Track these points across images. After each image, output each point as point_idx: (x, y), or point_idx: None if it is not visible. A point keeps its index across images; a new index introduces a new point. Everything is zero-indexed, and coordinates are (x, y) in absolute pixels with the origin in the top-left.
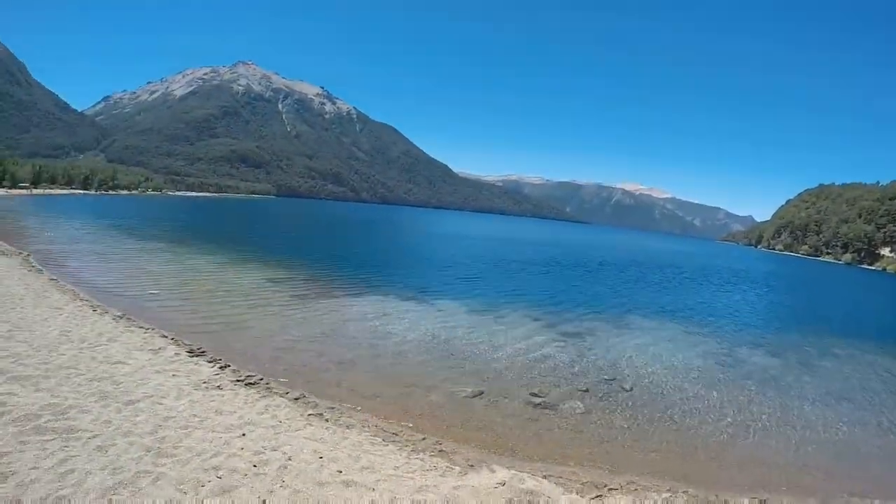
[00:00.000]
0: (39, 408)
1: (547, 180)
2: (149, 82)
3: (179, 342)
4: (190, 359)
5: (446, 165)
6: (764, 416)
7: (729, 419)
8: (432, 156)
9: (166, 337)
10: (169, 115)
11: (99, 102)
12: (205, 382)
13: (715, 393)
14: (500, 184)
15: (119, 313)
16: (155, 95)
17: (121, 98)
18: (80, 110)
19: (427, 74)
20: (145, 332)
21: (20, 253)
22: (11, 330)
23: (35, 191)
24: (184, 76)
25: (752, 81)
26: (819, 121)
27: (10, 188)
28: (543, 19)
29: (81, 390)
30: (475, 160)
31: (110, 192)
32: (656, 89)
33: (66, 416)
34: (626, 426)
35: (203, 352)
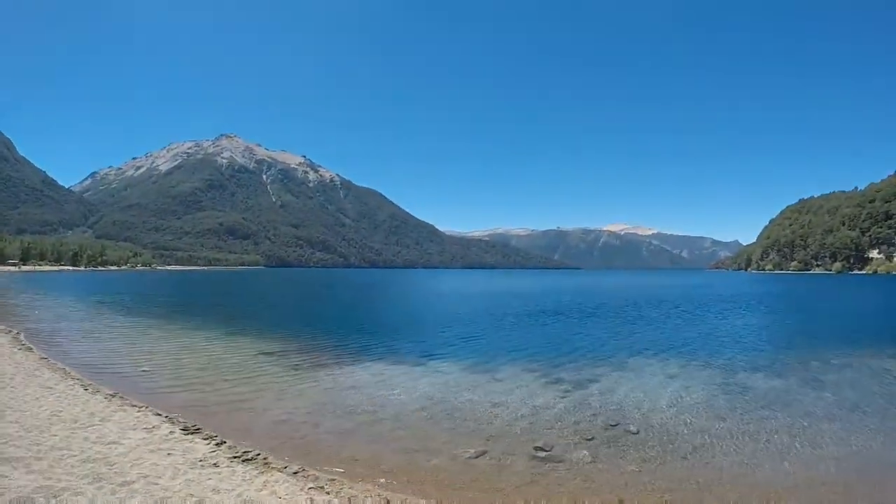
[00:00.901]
0: (32, 490)
1: (533, 230)
2: (134, 158)
3: (174, 420)
4: (185, 436)
5: (432, 225)
6: (775, 440)
7: (740, 448)
8: (418, 216)
9: (160, 415)
10: (155, 189)
11: (86, 179)
12: (201, 461)
13: (723, 423)
14: (487, 238)
15: (111, 392)
16: (141, 171)
17: (107, 174)
18: (67, 186)
19: (408, 136)
20: (138, 411)
21: (10, 331)
22: (2, 410)
23: (24, 267)
24: (168, 150)
25: (723, 105)
26: (794, 136)
27: None
28: (520, 73)
29: (75, 472)
30: (461, 217)
31: (99, 267)
32: (633, 130)
33: (59, 499)
34: (636, 470)
35: (198, 429)
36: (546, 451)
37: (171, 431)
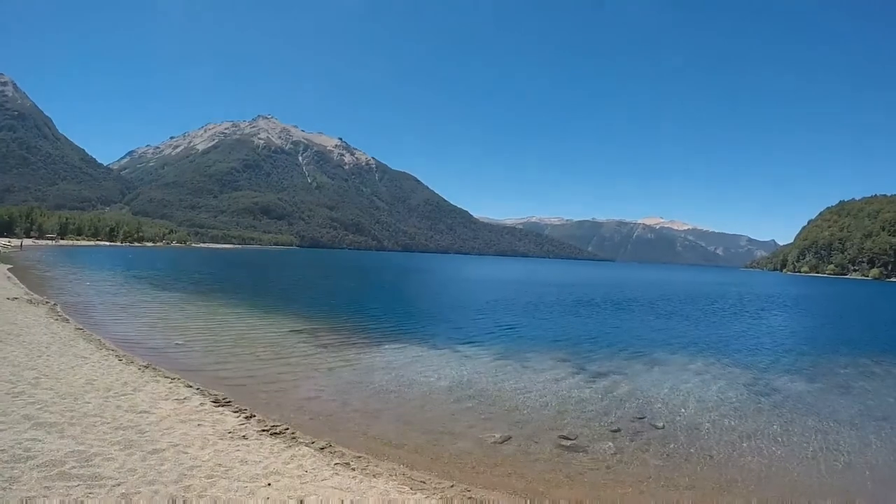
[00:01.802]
0: (64, 454)
1: (567, 220)
2: (172, 137)
3: (205, 392)
4: (215, 409)
5: (466, 211)
6: (801, 443)
7: (766, 449)
8: (452, 202)
9: (191, 387)
10: (192, 168)
11: (124, 157)
12: (230, 432)
13: (750, 424)
14: (521, 226)
15: (144, 363)
16: (178, 150)
17: (145, 152)
18: (105, 164)
19: (445, 121)
20: (170, 382)
21: (47, 302)
22: (38, 377)
23: (61, 241)
24: (205, 130)
25: (766, 104)
26: (836, 137)
27: (37, 238)
28: (561, 63)
29: (106, 438)
30: (495, 204)
31: (135, 244)
32: (672, 121)
33: (90, 464)
34: (660, 464)
35: (228, 402)
36: (571, 440)
37: (201, 403)
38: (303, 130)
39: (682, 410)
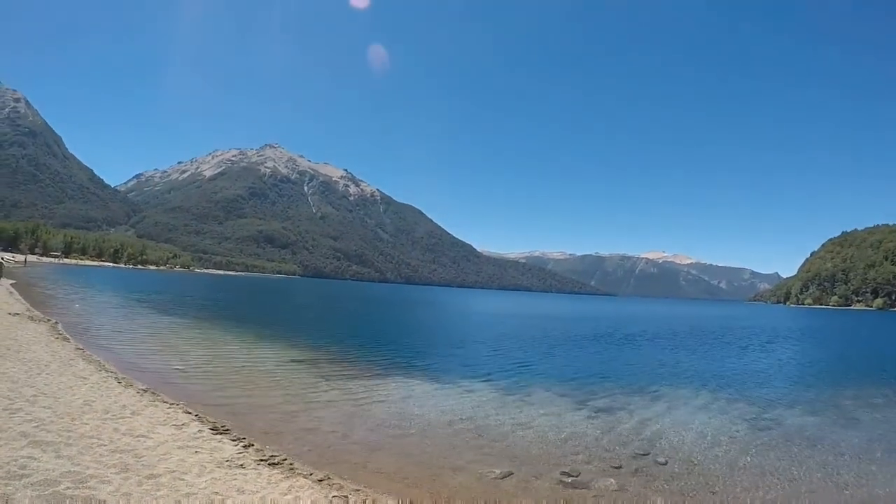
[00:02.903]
0: (59, 474)
1: (570, 254)
2: (179, 162)
3: (203, 419)
4: (213, 436)
5: (470, 245)
6: (806, 478)
7: (770, 484)
8: (456, 235)
9: (190, 413)
10: (198, 194)
11: (131, 179)
12: (227, 461)
13: (754, 458)
14: (524, 260)
15: (143, 387)
16: (185, 175)
17: (152, 176)
18: (112, 186)
19: (451, 156)
20: (169, 407)
21: (49, 320)
22: (36, 395)
23: (66, 260)
24: (213, 157)
25: (766, 141)
26: (837, 168)
27: (41, 255)
28: (565, 102)
29: (103, 461)
30: (498, 238)
31: (139, 266)
32: (674, 157)
33: (86, 485)
34: (663, 501)
35: (227, 430)
36: (573, 476)
37: (199, 430)
38: (309, 160)
39: (686, 446)
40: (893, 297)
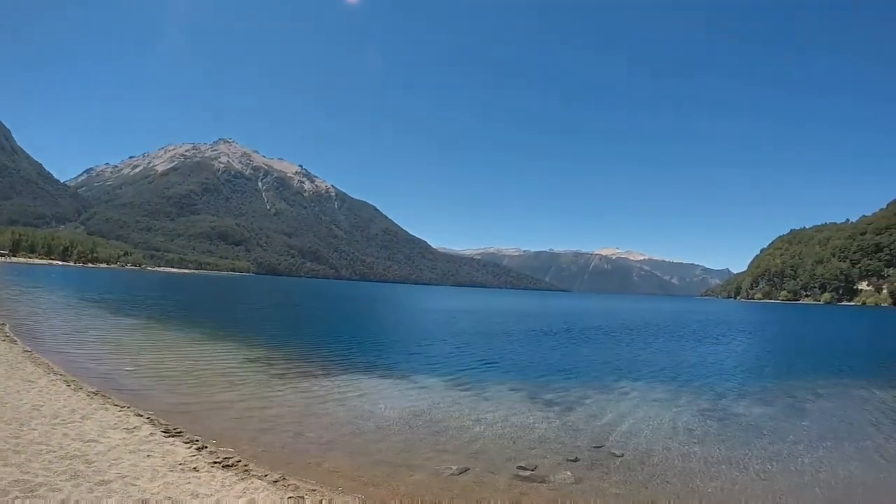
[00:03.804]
0: (8, 483)
1: (524, 251)
2: (131, 157)
3: (155, 421)
4: (165, 439)
5: (425, 241)
6: (758, 467)
7: (724, 474)
8: (411, 232)
9: (141, 416)
10: (150, 189)
11: (81, 174)
12: (181, 464)
13: (708, 449)
14: (479, 257)
15: (93, 389)
16: (137, 170)
17: (103, 171)
18: (62, 181)
19: (405, 152)
20: (120, 410)
21: None
22: None
23: (13, 259)
24: (165, 151)
25: (716, 137)
26: (788, 167)
27: None
28: (518, 101)
29: (52, 467)
30: (453, 235)
31: (89, 264)
32: (627, 155)
33: (35, 494)
34: (619, 493)
35: (179, 432)
36: (530, 470)
37: (151, 433)
38: (263, 156)
39: (641, 438)
40: (840, 292)
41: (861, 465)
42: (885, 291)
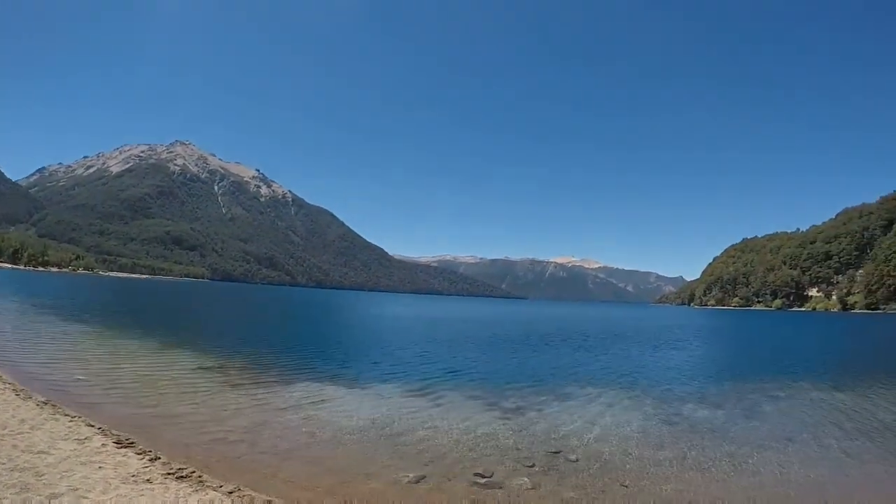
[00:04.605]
0: None
1: (481, 259)
2: (85, 156)
3: (107, 432)
4: (117, 450)
5: (382, 248)
6: (713, 467)
7: (679, 476)
8: (368, 239)
9: (93, 426)
10: (104, 191)
11: (33, 174)
12: (133, 476)
13: (662, 452)
14: (436, 264)
15: (43, 399)
16: (91, 170)
17: (56, 171)
18: (13, 180)
19: (362, 159)
20: (70, 421)
21: None
22: None
23: None
24: (120, 152)
25: (671, 146)
26: (739, 176)
27: None
28: (468, 108)
29: (1, 480)
30: (410, 242)
31: (39, 267)
32: (582, 164)
33: None
34: (575, 497)
35: (132, 443)
36: (486, 477)
37: (103, 444)
38: (220, 159)
39: (597, 442)
40: (791, 298)
41: (811, 463)
42: (834, 297)
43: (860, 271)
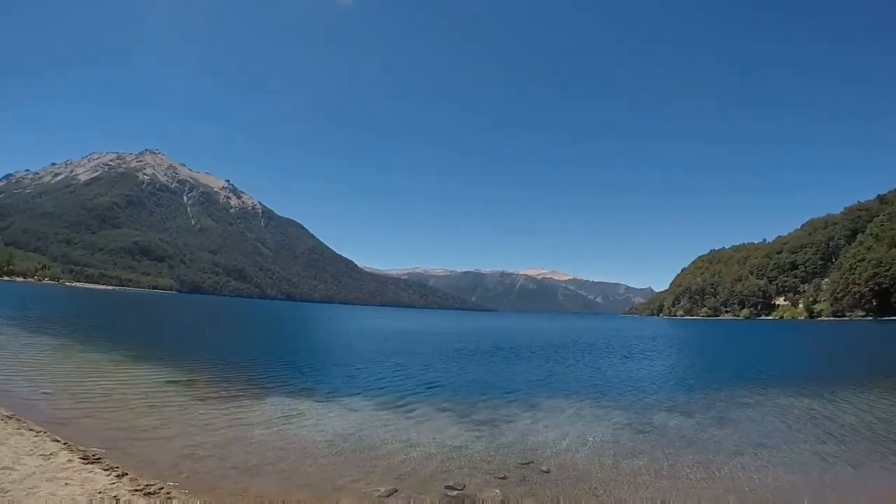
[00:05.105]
0: None
1: (451, 271)
2: (53, 164)
3: (73, 447)
4: (84, 466)
5: (352, 261)
6: (683, 476)
7: (650, 484)
8: (338, 251)
9: (59, 441)
10: (72, 199)
11: (0, 180)
12: (100, 492)
13: (634, 461)
14: (406, 277)
15: (7, 413)
16: (59, 178)
17: (23, 177)
18: None
19: (332, 172)
20: (35, 435)
21: None
22: None
23: None
24: (89, 160)
25: (635, 166)
26: (706, 188)
27: None
28: (437, 121)
29: None
30: (380, 255)
31: (4, 277)
32: (550, 179)
33: None
34: None
35: (98, 458)
36: (458, 489)
37: (69, 460)
38: (190, 169)
39: (569, 453)
40: (759, 307)
41: (786, 467)
42: (800, 306)
43: (825, 280)
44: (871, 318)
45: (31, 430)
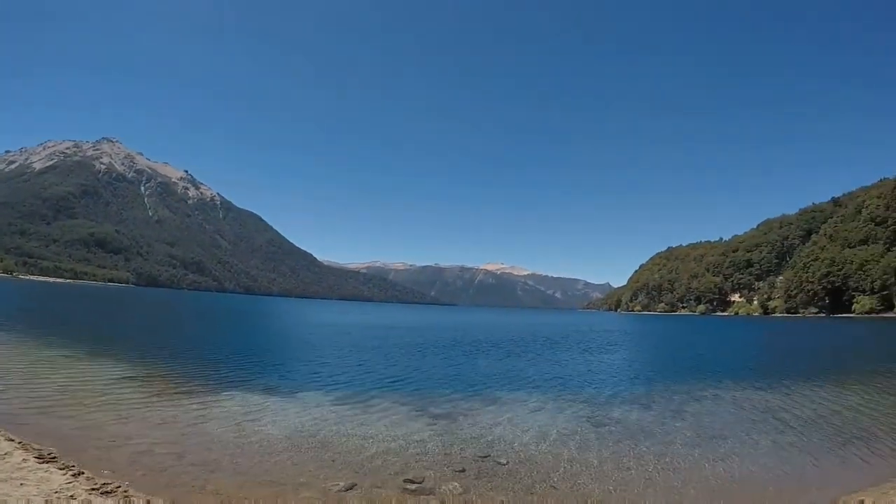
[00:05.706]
0: None
1: (411, 265)
2: (7, 151)
3: (27, 446)
4: (39, 465)
5: (311, 254)
6: (640, 467)
7: (607, 475)
8: (297, 244)
9: (13, 440)
10: (26, 189)
11: None
12: (56, 492)
13: (591, 453)
14: (365, 271)
15: None
16: (13, 166)
17: None
18: None
19: (291, 164)
20: None
21: None
22: None
23: None
24: (45, 148)
25: (592, 161)
26: (663, 187)
27: None
28: (398, 115)
29: None
30: (340, 248)
31: None
32: (509, 176)
33: None
34: (506, 500)
35: (54, 457)
36: (417, 483)
37: (24, 459)
38: (148, 159)
39: (527, 446)
40: (715, 304)
41: (743, 459)
42: (755, 302)
43: (780, 278)
44: (823, 314)
45: None
